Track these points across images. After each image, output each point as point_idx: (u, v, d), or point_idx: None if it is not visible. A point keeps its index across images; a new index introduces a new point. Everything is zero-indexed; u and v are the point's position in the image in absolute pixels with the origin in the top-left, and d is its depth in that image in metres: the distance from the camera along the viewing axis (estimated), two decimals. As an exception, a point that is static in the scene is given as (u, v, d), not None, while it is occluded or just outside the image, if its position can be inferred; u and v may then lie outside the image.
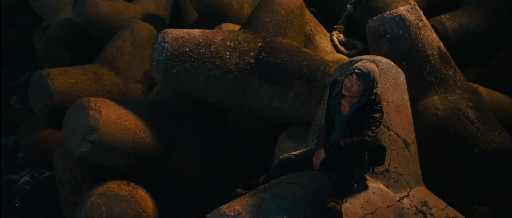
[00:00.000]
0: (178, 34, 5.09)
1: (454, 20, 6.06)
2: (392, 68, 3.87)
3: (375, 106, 3.08)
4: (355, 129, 3.11)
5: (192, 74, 5.05)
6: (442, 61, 4.74)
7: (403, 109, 3.70)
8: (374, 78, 3.03)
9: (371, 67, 3.05)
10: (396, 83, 3.79)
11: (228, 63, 5.11)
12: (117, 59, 6.51)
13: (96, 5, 6.98)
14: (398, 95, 3.73)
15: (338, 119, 3.23)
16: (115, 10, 7.22)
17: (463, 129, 4.30)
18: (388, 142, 3.48)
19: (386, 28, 4.84)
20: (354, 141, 2.97)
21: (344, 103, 3.19)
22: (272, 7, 5.77)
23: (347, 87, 3.07)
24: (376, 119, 3.03)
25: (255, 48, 5.24)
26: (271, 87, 5.10)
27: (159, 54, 5.03)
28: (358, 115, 3.09)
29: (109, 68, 6.46)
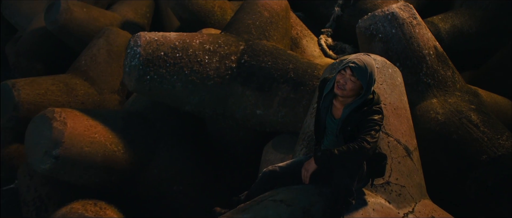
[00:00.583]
0: (152, 37, 4.54)
1: (447, 21, 5.60)
2: (388, 67, 3.36)
3: (374, 106, 2.54)
4: (350, 135, 2.57)
5: (168, 80, 4.49)
6: (440, 62, 4.25)
7: (402, 112, 3.18)
8: (371, 73, 2.51)
9: (368, 60, 2.53)
10: (394, 83, 3.27)
11: (208, 68, 4.56)
12: (91, 68, 5.93)
13: (70, 12, 6.41)
14: (396, 97, 3.21)
15: (330, 124, 2.69)
16: (90, 17, 6.66)
17: (467, 134, 3.78)
18: (388, 150, 2.95)
19: (378, 27, 4.35)
20: (351, 148, 2.42)
21: (336, 105, 2.65)
22: (255, 9, 5.25)
23: (340, 84, 2.54)
24: (376, 122, 2.49)
25: (236, 51, 4.70)
26: (255, 93, 4.55)
27: (131, 59, 4.47)
28: (354, 118, 2.55)
29: (82, 78, 5.88)
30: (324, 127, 2.74)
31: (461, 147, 3.77)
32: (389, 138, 2.98)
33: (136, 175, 4.68)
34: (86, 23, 6.61)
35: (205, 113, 4.80)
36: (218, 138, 5.19)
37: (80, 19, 6.53)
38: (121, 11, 7.16)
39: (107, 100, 5.95)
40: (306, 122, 3.45)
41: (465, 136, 3.78)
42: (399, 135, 3.03)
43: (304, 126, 3.47)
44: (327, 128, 2.72)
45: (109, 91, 5.99)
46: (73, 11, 6.44)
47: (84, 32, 6.61)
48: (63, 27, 6.40)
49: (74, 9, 6.46)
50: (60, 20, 6.35)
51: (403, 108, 3.19)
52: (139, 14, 7.35)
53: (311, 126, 3.16)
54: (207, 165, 5.18)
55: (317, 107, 2.77)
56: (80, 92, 5.71)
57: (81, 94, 5.71)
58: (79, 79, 5.84)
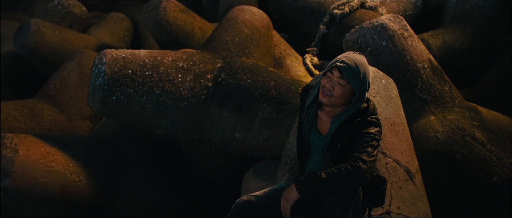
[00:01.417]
0: (119, 54, 3.99)
1: (438, 38, 5.15)
2: (382, 78, 2.82)
3: (369, 117, 1.99)
4: (341, 154, 2.00)
5: (136, 101, 3.92)
6: (435, 76, 3.73)
7: (400, 128, 2.62)
8: (365, 74, 1.96)
9: (360, 59, 1.99)
10: (389, 96, 2.73)
11: (181, 87, 4.00)
12: (60, 92, 5.33)
13: (41, 34, 5.86)
14: (392, 111, 2.66)
15: (316, 141, 2.12)
16: (63, 39, 6.10)
17: (472, 153, 3.22)
18: (386, 173, 2.37)
19: (367, 40, 3.85)
20: (342, 170, 1.85)
21: (322, 117, 2.09)
22: (234, 25, 4.75)
23: (326, 90, 1.98)
24: (373, 136, 1.93)
25: (213, 69, 4.15)
26: (233, 114, 3.98)
27: (95, 79, 3.90)
28: (345, 132, 1.99)
29: (50, 103, 5.26)
30: (309, 146, 2.16)
31: (467, 169, 3.20)
32: (387, 158, 2.41)
33: (101, 208, 4.03)
34: (58, 45, 6.04)
35: (179, 138, 4.21)
36: (195, 165, 4.57)
37: (51, 41, 5.97)
38: (97, 34, 6.62)
39: (77, 126, 5.32)
40: (289, 143, 2.88)
41: (471, 156, 3.22)
42: (398, 155, 2.46)
43: (286, 148, 2.89)
44: (312, 147, 2.15)
45: (79, 117, 5.37)
46: (44, 33, 5.88)
47: (56, 55, 6.03)
48: (33, 50, 5.83)
49: (45, 31, 5.91)
50: (29, 43, 5.78)
51: (401, 124, 2.64)
52: (116, 37, 6.82)
53: (294, 147, 2.59)
54: (183, 196, 4.54)
55: (299, 122, 2.20)
56: (46, 118, 5.09)
57: (48, 120, 5.09)
58: (46, 104, 5.23)
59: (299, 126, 2.19)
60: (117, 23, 6.94)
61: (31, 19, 6.00)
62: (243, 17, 4.87)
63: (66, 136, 4.49)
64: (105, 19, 6.94)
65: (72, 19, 6.68)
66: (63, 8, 6.57)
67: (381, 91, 2.71)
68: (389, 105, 2.66)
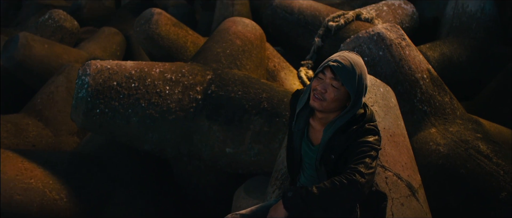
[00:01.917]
0: (104, 65, 3.76)
1: (435, 50, 4.95)
2: (379, 86, 2.59)
3: (366, 124, 1.74)
4: (335, 166, 1.75)
5: (121, 114, 3.68)
6: (435, 86, 3.51)
7: (401, 139, 2.38)
8: (361, 75, 1.73)
9: (355, 59, 1.76)
10: (387, 105, 2.50)
11: (168, 100, 3.76)
12: (47, 107, 5.09)
13: (29, 47, 5.65)
14: (391, 121, 2.42)
15: (307, 153, 1.88)
16: (52, 53, 5.89)
17: (477, 167, 2.97)
18: (386, 188, 2.12)
19: (363, 50, 3.64)
20: (336, 184, 1.60)
21: (314, 125, 1.85)
22: (225, 37, 4.55)
23: (317, 93, 1.75)
24: (371, 146, 1.69)
25: (203, 81, 3.93)
26: (223, 128, 3.74)
27: (78, 91, 3.67)
28: (340, 142, 1.74)
29: (36, 118, 5.01)
30: (300, 158, 1.92)
31: (472, 183, 2.95)
32: (387, 172, 2.17)
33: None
34: (47, 60, 5.83)
35: (167, 153, 3.95)
36: (185, 182, 4.30)
37: (40, 55, 5.76)
38: (88, 49, 6.41)
39: (64, 142, 5.06)
40: (280, 156, 2.63)
41: (476, 170, 2.97)
42: (399, 168, 2.21)
43: (277, 162, 2.64)
44: (303, 160, 1.91)
45: (67, 133, 5.12)
46: (33, 46, 5.68)
47: (45, 69, 5.81)
48: (20, 64, 5.62)
49: (34, 44, 5.70)
50: (17, 56, 5.57)
51: (401, 135, 2.40)
52: (108, 51, 6.61)
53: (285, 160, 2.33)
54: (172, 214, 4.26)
55: (288, 131, 1.96)
56: (31, 133, 4.83)
57: (33, 135, 4.83)
58: (32, 119, 4.98)
59: (289, 136, 1.95)
60: (109, 37, 6.74)
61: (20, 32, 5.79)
62: (235, 29, 4.67)
63: (48, 152, 4.23)
64: (97, 34, 6.75)
65: (63, 33, 6.48)
66: (54, 22, 6.38)
67: (379, 100, 2.48)
68: (387, 114, 2.42)
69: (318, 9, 5.64)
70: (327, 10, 5.65)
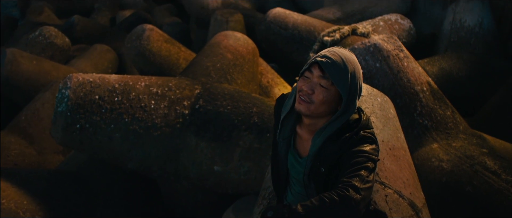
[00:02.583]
0: (86, 78, 3.52)
1: (434, 65, 4.72)
2: (377, 95, 2.34)
3: (362, 131, 1.48)
4: (326, 181, 1.48)
5: (103, 130, 3.41)
6: (436, 99, 3.26)
7: (401, 153, 2.11)
8: (354, 73, 1.48)
9: (347, 54, 1.51)
10: (386, 116, 2.24)
11: (154, 115, 3.50)
12: (32, 124, 4.82)
13: (17, 63, 5.42)
14: (390, 133, 2.16)
15: (294, 166, 1.61)
16: (40, 70, 5.65)
17: (485, 184, 2.70)
18: (386, 207, 1.84)
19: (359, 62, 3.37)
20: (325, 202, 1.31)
21: (301, 133, 1.59)
22: (216, 51, 4.32)
23: (304, 94, 1.49)
24: (368, 156, 1.41)
25: (190, 96, 3.67)
26: (211, 144, 3.47)
27: (58, 105, 3.42)
28: (330, 152, 1.47)
29: (20, 135, 4.75)
30: (286, 172, 1.65)
31: (480, 202, 2.67)
32: (387, 189, 1.89)
33: (60, 252, 3.43)
34: (35, 76, 5.58)
35: (152, 172, 3.66)
36: (172, 202, 4.01)
37: (27, 71, 5.52)
38: (79, 66, 6.18)
39: (48, 161, 4.78)
40: (268, 173, 2.36)
41: (483, 188, 2.69)
42: (400, 185, 1.94)
43: (265, 179, 2.37)
44: (290, 174, 1.63)
45: (51, 151, 4.84)
46: (20, 62, 5.44)
47: (32, 86, 5.57)
48: (7, 80, 5.37)
49: (21, 60, 5.47)
50: (4, 72, 5.33)
51: (401, 148, 2.14)
52: (99, 69, 6.38)
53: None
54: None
55: (272, 142, 1.69)
56: (13, 151, 4.55)
57: (14, 154, 4.55)
58: (15, 136, 4.71)
59: (274, 147, 1.68)
60: (101, 54, 6.53)
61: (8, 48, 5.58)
62: (227, 43, 4.45)
63: (26, 170, 3.94)
64: (89, 51, 6.54)
65: (53, 50, 6.26)
66: (44, 39, 6.17)
67: (376, 110, 2.22)
68: (386, 126, 2.16)
69: (313, 24, 5.44)
70: (322, 25, 5.45)
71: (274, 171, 1.71)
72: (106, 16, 9.06)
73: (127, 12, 8.86)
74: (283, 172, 1.65)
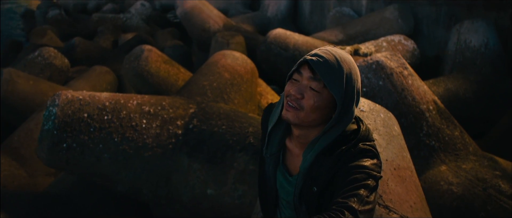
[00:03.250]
0: (76, 96, 3.33)
1: (440, 85, 4.50)
2: (379, 111, 2.12)
3: (360, 143, 1.25)
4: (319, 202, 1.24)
5: (91, 150, 3.20)
6: (443, 119, 3.03)
7: (407, 174, 1.88)
8: (350, 74, 1.25)
9: (342, 54, 1.29)
10: (390, 133, 2.02)
11: (145, 134, 3.29)
12: (24, 145, 4.63)
13: (13, 83, 5.27)
14: (395, 152, 1.93)
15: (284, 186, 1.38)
16: (37, 90, 5.49)
17: (500, 209, 2.44)
18: (391, 236, 1.59)
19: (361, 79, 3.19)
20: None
21: (292, 148, 1.36)
22: (213, 70, 4.14)
23: (292, 99, 1.27)
24: (368, 172, 1.17)
25: (184, 115, 3.47)
26: (205, 166, 3.24)
27: (45, 123, 3.22)
28: (324, 168, 1.24)
29: (11, 157, 4.54)
30: (276, 194, 1.42)
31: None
32: (392, 214, 1.65)
33: None
34: (31, 96, 5.42)
35: (143, 195, 3.43)
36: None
37: (24, 92, 5.36)
38: (77, 87, 6.02)
39: (39, 184, 4.54)
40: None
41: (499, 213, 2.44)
42: (406, 209, 1.70)
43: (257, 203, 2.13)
44: (280, 195, 1.40)
45: (43, 174, 4.61)
46: (16, 82, 5.30)
47: (29, 107, 5.39)
48: (2, 100, 5.21)
49: (18, 80, 5.33)
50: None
51: (407, 169, 1.90)
52: (97, 90, 6.20)
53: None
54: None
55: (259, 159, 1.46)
56: (2, 173, 4.33)
57: (3, 175, 4.32)
58: (6, 158, 4.50)
59: (261, 164, 1.46)
60: (100, 76, 6.38)
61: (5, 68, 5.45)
62: (224, 62, 4.27)
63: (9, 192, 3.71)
64: (88, 72, 6.40)
65: (52, 71, 6.13)
66: (43, 59, 6.05)
67: (379, 127, 2.00)
68: (390, 144, 1.94)
69: (314, 44, 5.28)
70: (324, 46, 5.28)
71: (262, 193, 1.48)
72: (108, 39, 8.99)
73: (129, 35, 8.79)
74: (271, 193, 1.42)
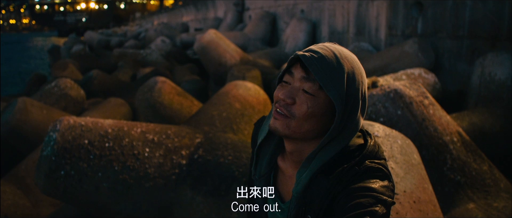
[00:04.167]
0: (78, 122, 3.17)
1: (464, 119, 4.18)
2: (396, 137, 1.86)
3: (367, 160, 0.97)
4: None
5: (89, 178, 2.99)
6: (469, 152, 2.72)
7: (430, 208, 1.59)
8: (353, 74, 0.98)
9: (343, 50, 1.00)
10: (408, 162, 1.74)
11: (147, 164, 3.08)
12: (31, 174, 4.48)
13: (26, 112, 5.19)
14: (415, 182, 1.65)
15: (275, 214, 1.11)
16: (50, 120, 5.36)
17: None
18: None
19: (378, 109, 2.95)
20: None
21: (284, 168, 1.09)
22: (224, 100, 3.96)
23: (280, 105, 1.00)
24: (376, 197, 0.89)
25: (190, 145, 3.26)
26: (208, 199, 2.98)
27: (44, 148, 3.06)
28: (321, 191, 0.97)
29: (16, 185, 4.39)
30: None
31: None
32: (411, 256, 1.35)
33: None
34: (43, 126, 5.31)
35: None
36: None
37: (36, 121, 5.27)
38: (93, 115, 5.91)
39: (43, 214, 4.35)
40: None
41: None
42: (429, 251, 1.40)
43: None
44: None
45: (48, 204, 4.43)
46: (29, 111, 5.22)
47: (40, 136, 5.28)
48: (14, 129, 5.12)
49: (31, 109, 5.25)
50: (12, 121, 5.10)
51: (429, 203, 1.62)
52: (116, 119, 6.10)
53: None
54: None
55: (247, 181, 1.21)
56: (6, 202, 4.16)
57: (7, 205, 4.15)
58: (11, 187, 4.36)
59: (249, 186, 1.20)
60: (115, 107, 6.29)
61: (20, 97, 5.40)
62: (236, 92, 4.09)
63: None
64: (102, 103, 6.32)
65: (67, 102, 6.07)
66: (59, 90, 6.01)
67: (396, 154, 1.73)
68: (409, 174, 1.66)
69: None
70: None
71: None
72: (127, 73, 9.02)
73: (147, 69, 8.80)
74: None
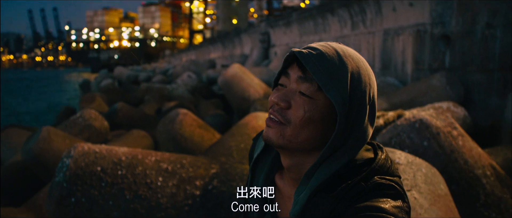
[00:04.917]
0: (92, 148, 3.11)
1: (498, 155, 3.88)
2: (420, 165, 1.68)
3: (376, 176, 0.79)
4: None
5: (100, 206, 2.89)
6: (504, 187, 2.47)
7: (460, 246, 1.37)
8: (359, 75, 0.82)
9: (346, 48, 0.84)
10: (434, 192, 1.56)
11: (159, 193, 2.95)
12: (48, 203, 4.43)
13: (49, 141, 5.21)
14: (441, 215, 1.45)
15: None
16: (72, 150, 5.40)
17: None
18: None
19: (403, 140, 2.76)
20: None
21: (282, 186, 0.94)
22: (242, 131, 3.84)
23: (274, 111, 0.85)
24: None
25: (205, 175, 3.12)
26: (221, 232, 2.81)
27: (56, 174, 2.99)
28: (322, 211, 0.81)
29: (35, 213, 4.35)
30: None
31: None
32: None
33: None
34: (65, 156, 5.32)
35: (153, 262, 3.00)
36: None
37: (59, 150, 5.27)
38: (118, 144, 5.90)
39: (58, 244, 4.26)
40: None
41: None
42: None
43: None
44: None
45: (64, 234, 4.34)
46: (52, 140, 5.24)
47: (62, 166, 5.29)
48: (37, 157, 5.13)
49: (54, 138, 5.27)
50: (35, 149, 5.12)
51: (459, 239, 1.40)
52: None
53: None
54: None
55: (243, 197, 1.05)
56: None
57: (23, 233, 4.10)
58: (29, 214, 4.31)
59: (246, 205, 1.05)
60: (137, 139, 6.26)
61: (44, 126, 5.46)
62: (255, 123, 3.97)
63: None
64: (125, 135, 6.32)
65: (90, 133, 6.10)
66: (84, 121, 6.06)
67: (419, 183, 1.54)
68: (435, 205, 1.46)
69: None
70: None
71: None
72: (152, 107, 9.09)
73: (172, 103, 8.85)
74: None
